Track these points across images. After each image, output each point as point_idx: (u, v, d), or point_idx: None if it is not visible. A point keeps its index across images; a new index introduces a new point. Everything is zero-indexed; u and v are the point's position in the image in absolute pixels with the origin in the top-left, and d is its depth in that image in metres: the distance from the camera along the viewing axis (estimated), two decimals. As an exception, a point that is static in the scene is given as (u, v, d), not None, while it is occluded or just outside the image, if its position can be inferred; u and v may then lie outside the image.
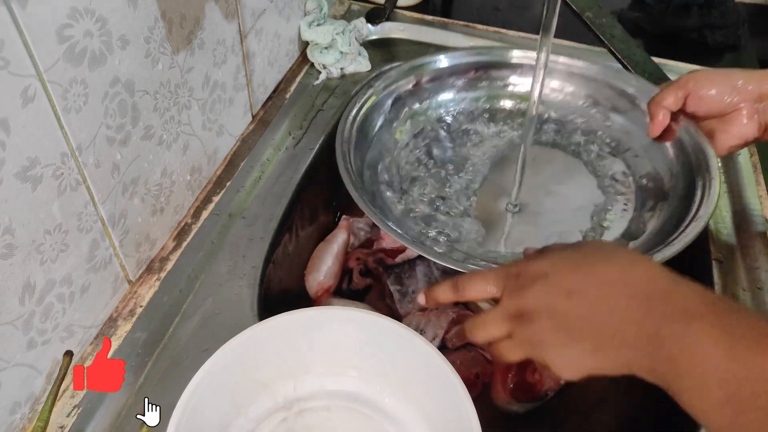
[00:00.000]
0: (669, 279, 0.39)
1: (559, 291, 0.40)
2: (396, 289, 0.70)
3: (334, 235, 0.79)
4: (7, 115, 0.40)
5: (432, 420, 0.49)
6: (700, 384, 0.34)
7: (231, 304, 0.58)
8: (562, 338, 0.40)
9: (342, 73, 0.85)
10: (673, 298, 0.37)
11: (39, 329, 0.48)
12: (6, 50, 0.39)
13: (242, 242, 0.64)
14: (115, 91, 0.49)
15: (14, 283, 0.44)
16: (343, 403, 0.52)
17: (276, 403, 0.51)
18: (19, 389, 0.48)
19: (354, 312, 0.51)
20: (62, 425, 0.50)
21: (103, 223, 0.52)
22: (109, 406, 0.51)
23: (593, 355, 0.39)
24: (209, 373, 0.46)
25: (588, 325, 0.39)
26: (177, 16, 0.55)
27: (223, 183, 0.69)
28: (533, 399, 0.64)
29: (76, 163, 0.47)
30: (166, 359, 0.54)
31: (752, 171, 0.74)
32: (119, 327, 0.56)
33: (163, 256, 0.62)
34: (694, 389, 0.35)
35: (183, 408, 0.44)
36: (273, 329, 0.49)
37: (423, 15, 0.97)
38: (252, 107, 0.76)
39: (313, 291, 0.74)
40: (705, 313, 0.35)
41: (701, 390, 0.34)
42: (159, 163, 0.58)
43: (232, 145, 0.73)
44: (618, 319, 0.38)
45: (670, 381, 0.36)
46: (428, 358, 0.47)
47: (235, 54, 0.67)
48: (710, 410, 0.34)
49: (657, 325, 0.36)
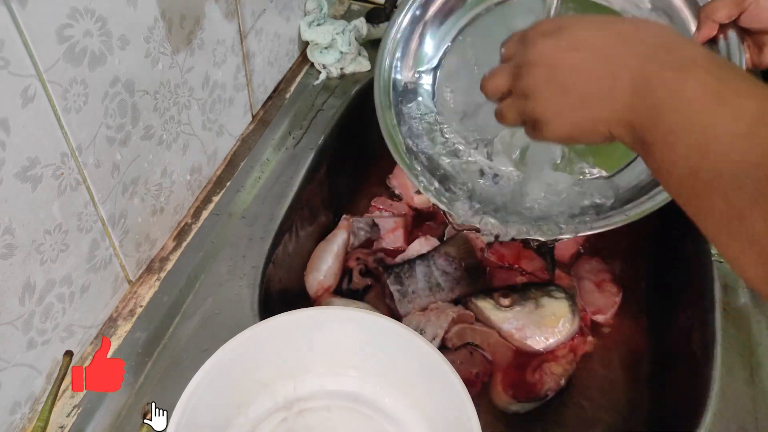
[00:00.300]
0: (681, 38, 0.38)
1: (566, 45, 0.40)
2: (396, 289, 0.70)
3: (334, 235, 0.79)
4: (7, 115, 0.40)
5: (432, 420, 0.49)
6: (679, 128, 0.34)
7: (231, 304, 0.58)
8: (552, 89, 0.40)
9: (342, 73, 0.85)
10: (677, 49, 0.37)
11: (39, 329, 0.48)
12: (6, 50, 0.39)
13: (242, 242, 0.64)
14: (115, 91, 0.49)
15: (14, 283, 0.44)
16: (343, 403, 0.52)
17: (276, 403, 0.51)
18: (19, 389, 0.48)
19: (354, 312, 0.51)
20: (62, 425, 0.50)
21: (103, 223, 0.52)
22: (109, 406, 0.51)
23: (578, 109, 0.39)
24: (209, 373, 0.46)
25: (581, 77, 0.39)
26: (177, 15, 0.55)
27: (223, 183, 0.69)
28: (533, 399, 0.64)
29: (76, 163, 0.47)
30: (166, 359, 0.54)
31: (752, 171, 0.74)
32: (119, 327, 0.56)
33: (163, 256, 0.62)
34: (669, 136, 0.34)
35: (183, 408, 0.44)
36: (273, 329, 0.49)
37: (423, 15, 0.97)
38: (252, 107, 0.76)
39: (313, 290, 0.74)
40: (703, 64, 0.35)
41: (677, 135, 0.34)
42: (159, 163, 0.58)
43: (232, 145, 0.73)
44: (614, 67, 0.38)
45: (645, 132, 0.36)
46: (428, 358, 0.47)
47: (235, 54, 0.67)
48: (676, 160, 0.34)
49: (652, 71, 0.36)
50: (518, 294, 0.69)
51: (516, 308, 0.67)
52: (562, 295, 0.69)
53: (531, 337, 0.67)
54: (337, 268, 0.76)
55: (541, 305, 0.68)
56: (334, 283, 0.76)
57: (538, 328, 0.67)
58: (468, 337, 0.67)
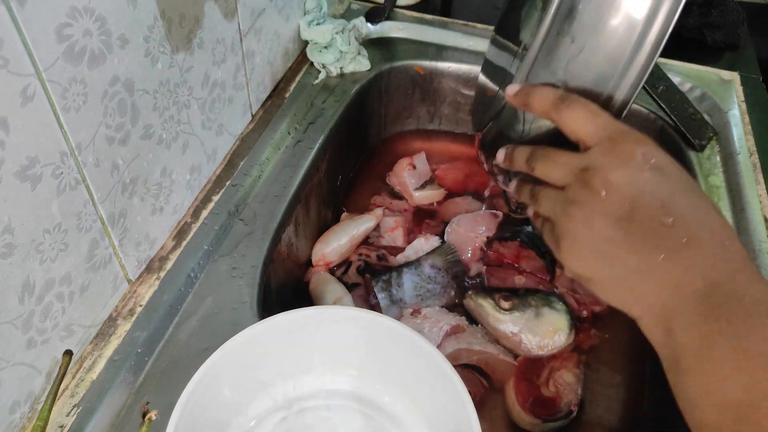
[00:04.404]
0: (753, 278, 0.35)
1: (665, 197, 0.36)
2: (383, 296, 0.70)
3: (361, 218, 0.79)
4: (6, 115, 0.40)
5: (432, 419, 0.49)
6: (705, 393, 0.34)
7: (231, 303, 0.58)
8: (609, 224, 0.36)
9: (341, 72, 0.85)
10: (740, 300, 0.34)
11: (38, 328, 0.48)
12: (5, 49, 0.39)
13: (242, 241, 0.64)
14: (115, 90, 0.49)
15: (14, 282, 0.44)
16: (342, 402, 0.52)
17: (276, 403, 0.51)
18: (19, 388, 0.48)
19: (354, 311, 0.51)
20: (62, 424, 0.50)
21: (103, 222, 0.52)
22: (109, 406, 0.51)
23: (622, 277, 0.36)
24: (209, 372, 0.46)
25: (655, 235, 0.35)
26: (176, 15, 0.55)
27: (222, 182, 0.69)
28: (556, 417, 0.62)
29: (75, 162, 0.47)
30: (166, 359, 0.54)
31: (752, 171, 0.74)
32: (119, 326, 0.56)
33: (162, 255, 0.62)
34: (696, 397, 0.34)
35: (183, 407, 0.44)
36: (273, 329, 0.49)
37: (422, 14, 0.97)
38: (251, 106, 0.76)
39: (315, 259, 0.76)
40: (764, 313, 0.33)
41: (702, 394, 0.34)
42: (158, 162, 0.58)
43: (232, 144, 0.73)
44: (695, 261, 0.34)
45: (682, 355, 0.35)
46: (428, 358, 0.47)
47: (234, 53, 0.67)
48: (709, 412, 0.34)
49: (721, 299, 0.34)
50: (519, 299, 0.68)
51: (515, 313, 0.67)
52: (563, 308, 0.68)
53: (525, 343, 0.66)
54: (347, 250, 0.77)
55: (540, 314, 0.67)
56: (336, 262, 0.76)
57: (534, 337, 0.66)
58: (463, 359, 0.66)
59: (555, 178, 0.40)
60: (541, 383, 0.64)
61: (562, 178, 0.39)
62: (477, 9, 1.05)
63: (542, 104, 0.41)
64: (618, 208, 0.36)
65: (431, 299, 0.71)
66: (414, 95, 0.94)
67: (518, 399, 0.63)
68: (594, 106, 0.39)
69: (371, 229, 0.79)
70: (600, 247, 0.37)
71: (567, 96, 0.40)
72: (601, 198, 0.36)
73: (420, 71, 0.91)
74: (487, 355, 0.65)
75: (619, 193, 0.36)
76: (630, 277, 0.36)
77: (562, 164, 0.39)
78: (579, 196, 0.38)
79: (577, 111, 0.39)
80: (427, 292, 0.71)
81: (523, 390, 0.64)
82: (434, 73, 0.91)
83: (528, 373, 0.65)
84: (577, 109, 0.39)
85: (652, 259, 0.35)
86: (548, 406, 0.63)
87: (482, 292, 0.69)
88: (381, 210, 0.81)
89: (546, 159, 0.41)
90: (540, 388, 0.64)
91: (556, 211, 0.39)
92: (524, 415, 0.62)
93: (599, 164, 0.37)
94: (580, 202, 0.37)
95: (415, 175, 0.87)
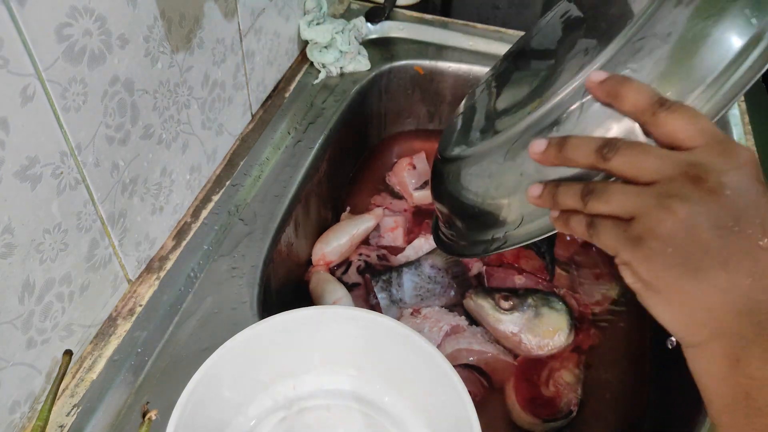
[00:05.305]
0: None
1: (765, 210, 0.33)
2: (383, 296, 0.70)
3: (361, 217, 0.79)
4: (6, 115, 0.40)
5: (432, 419, 0.49)
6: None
7: (231, 303, 0.58)
8: (710, 229, 0.32)
9: (341, 72, 0.85)
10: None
11: (38, 328, 0.48)
12: (5, 49, 0.38)
13: (242, 241, 0.64)
14: (115, 90, 0.49)
15: (14, 282, 0.44)
16: (342, 402, 0.52)
17: (276, 402, 0.51)
18: (19, 388, 0.48)
19: (354, 311, 0.51)
20: (62, 424, 0.50)
21: (103, 222, 0.52)
22: (109, 405, 0.51)
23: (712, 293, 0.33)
24: (209, 372, 0.46)
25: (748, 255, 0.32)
26: (176, 15, 0.55)
27: (222, 182, 0.69)
28: (556, 417, 0.62)
29: (75, 162, 0.47)
30: (166, 358, 0.54)
31: (752, 170, 0.74)
32: (119, 326, 0.56)
33: (162, 255, 0.62)
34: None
35: (183, 407, 0.44)
36: (273, 328, 0.49)
37: (422, 14, 0.97)
38: (251, 106, 0.76)
39: (315, 259, 0.76)
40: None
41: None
42: (158, 162, 0.58)
43: (232, 144, 0.73)
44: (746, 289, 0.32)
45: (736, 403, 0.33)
46: (428, 358, 0.47)
47: (234, 53, 0.67)
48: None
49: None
50: (519, 299, 0.68)
51: (515, 313, 0.67)
52: (563, 308, 0.68)
53: (525, 343, 0.66)
54: (347, 250, 0.77)
55: (540, 314, 0.67)
56: (336, 261, 0.76)
57: (533, 337, 0.66)
58: (463, 359, 0.66)
59: (647, 168, 0.34)
60: (541, 383, 0.64)
61: (659, 170, 0.34)
62: (477, 9, 1.05)
63: (637, 101, 0.36)
64: (724, 215, 0.32)
65: (431, 299, 0.71)
66: (414, 95, 0.94)
67: (518, 399, 0.63)
68: (694, 109, 0.36)
69: (371, 229, 0.79)
70: (692, 254, 0.32)
71: (666, 100, 0.36)
72: (712, 199, 0.32)
73: (420, 71, 0.90)
74: (487, 355, 0.65)
75: (730, 200, 0.32)
76: (711, 296, 0.33)
77: (659, 156, 0.35)
78: (684, 191, 0.33)
79: (680, 111, 0.35)
80: (427, 292, 0.71)
81: (522, 390, 0.64)
82: (434, 73, 0.91)
83: (528, 373, 0.65)
84: (680, 109, 0.35)
85: (740, 281, 0.32)
86: (548, 406, 0.63)
87: (482, 292, 0.69)
88: (381, 210, 0.81)
89: (631, 150, 0.35)
90: (540, 388, 0.64)
91: (645, 204, 0.34)
92: (524, 415, 0.62)
93: (711, 163, 0.33)
94: (684, 196, 0.33)
95: (415, 175, 0.87)
